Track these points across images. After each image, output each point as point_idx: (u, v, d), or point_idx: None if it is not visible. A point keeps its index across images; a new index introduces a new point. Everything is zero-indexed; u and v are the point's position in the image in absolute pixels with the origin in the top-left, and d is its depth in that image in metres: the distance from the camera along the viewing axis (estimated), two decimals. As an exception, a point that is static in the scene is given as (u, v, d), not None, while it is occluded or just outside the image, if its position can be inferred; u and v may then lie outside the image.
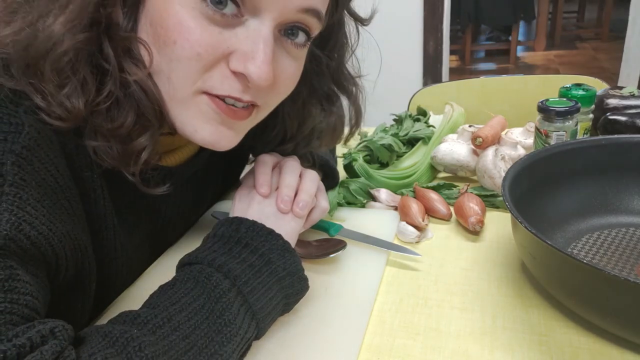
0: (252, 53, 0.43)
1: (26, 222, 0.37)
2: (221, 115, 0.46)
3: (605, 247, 0.58)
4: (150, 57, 0.44)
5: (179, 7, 0.42)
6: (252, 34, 0.44)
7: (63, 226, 0.42)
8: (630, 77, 2.56)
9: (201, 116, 0.46)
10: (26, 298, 0.36)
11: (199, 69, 0.44)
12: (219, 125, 0.47)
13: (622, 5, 3.77)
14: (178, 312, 0.40)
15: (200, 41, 0.42)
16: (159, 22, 0.43)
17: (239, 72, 0.44)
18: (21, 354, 0.31)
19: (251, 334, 0.44)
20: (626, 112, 0.80)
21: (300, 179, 0.56)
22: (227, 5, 0.42)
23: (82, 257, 0.46)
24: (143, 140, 0.46)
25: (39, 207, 0.39)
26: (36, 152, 0.40)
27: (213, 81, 0.45)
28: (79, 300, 0.49)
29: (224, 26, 0.43)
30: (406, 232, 0.65)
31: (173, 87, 0.45)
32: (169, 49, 0.43)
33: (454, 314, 0.51)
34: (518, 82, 1.27)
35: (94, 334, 0.37)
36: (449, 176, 0.83)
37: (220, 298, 0.42)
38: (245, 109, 0.48)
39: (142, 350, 0.35)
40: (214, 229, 0.49)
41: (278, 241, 0.48)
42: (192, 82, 0.44)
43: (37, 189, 0.39)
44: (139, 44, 0.44)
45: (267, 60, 0.44)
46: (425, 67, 2.32)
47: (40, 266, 0.40)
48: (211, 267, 0.44)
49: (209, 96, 0.46)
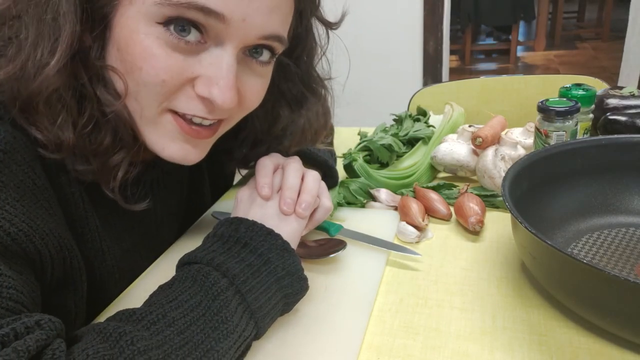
0: (216, 79, 0.45)
1: (5, 220, 0.38)
2: (184, 135, 0.48)
3: (605, 247, 0.58)
4: (125, 86, 0.45)
5: (144, 36, 0.43)
6: (216, 60, 0.45)
7: (45, 224, 0.43)
8: (630, 77, 2.56)
9: (167, 135, 0.49)
10: (10, 291, 0.36)
11: (164, 93, 0.46)
12: (183, 143, 0.49)
13: (622, 5, 3.77)
14: (174, 309, 0.40)
15: (165, 68, 0.44)
16: (125, 48, 0.44)
17: (204, 97, 0.46)
18: (4, 343, 0.32)
19: (249, 332, 0.44)
20: (626, 112, 0.80)
21: (302, 180, 0.56)
22: (190, 32, 0.44)
23: (69, 255, 0.47)
24: (120, 157, 0.48)
25: (18, 206, 0.40)
26: (13, 155, 0.41)
27: (178, 102, 0.47)
28: (71, 300, 0.49)
29: (187, 53, 0.45)
30: (406, 232, 0.65)
31: (140, 107, 0.47)
32: (136, 75, 0.44)
33: (454, 314, 0.51)
34: (518, 82, 1.27)
35: (89, 331, 0.37)
36: (449, 176, 0.83)
37: (217, 296, 0.42)
38: (209, 128, 0.50)
39: (134, 344, 0.36)
40: (214, 229, 0.50)
41: (277, 241, 0.48)
42: (157, 103, 0.46)
43: (15, 190, 0.41)
44: (110, 72, 0.45)
45: (231, 85, 0.45)
46: (425, 67, 2.32)
47: (23, 263, 0.41)
48: (209, 266, 0.44)
49: (173, 115, 0.48)
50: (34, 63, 0.42)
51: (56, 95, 0.43)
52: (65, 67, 0.42)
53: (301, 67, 0.62)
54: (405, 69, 2.34)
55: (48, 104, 0.43)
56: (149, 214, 0.61)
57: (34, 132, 0.43)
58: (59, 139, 0.43)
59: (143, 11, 0.43)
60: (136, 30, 0.43)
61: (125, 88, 0.45)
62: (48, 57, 0.42)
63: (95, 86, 0.45)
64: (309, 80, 0.63)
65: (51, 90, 0.42)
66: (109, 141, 0.46)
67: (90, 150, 0.46)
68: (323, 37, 0.61)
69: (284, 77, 0.62)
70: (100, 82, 0.46)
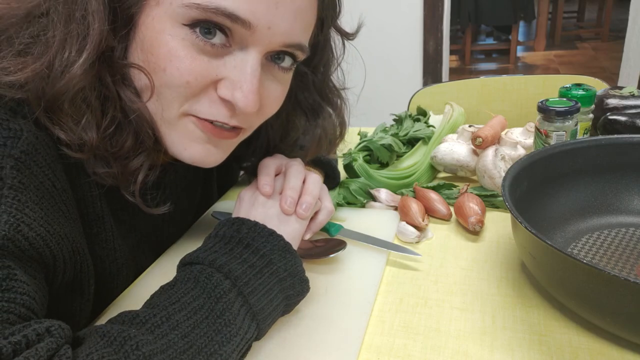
0: (239, 82, 0.45)
1: (24, 224, 0.38)
2: (207, 134, 0.48)
3: (605, 247, 0.58)
4: (152, 84, 0.45)
5: (170, 37, 0.43)
6: (240, 63, 0.45)
7: (60, 228, 0.43)
8: (630, 77, 2.56)
9: (189, 135, 0.48)
10: (23, 298, 0.36)
11: (187, 95, 0.45)
12: (205, 143, 0.49)
13: (622, 5, 3.77)
14: (177, 312, 0.40)
15: (190, 70, 0.44)
16: (150, 49, 0.44)
17: (227, 100, 0.46)
18: (17, 351, 0.32)
19: (251, 334, 0.44)
20: (626, 112, 0.80)
21: (304, 182, 0.57)
22: (216, 35, 0.44)
23: (80, 260, 0.47)
24: (140, 160, 0.48)
25: (37, 209, 0.40)
26: (34, 156, 0.41)
27: (200, 105, 0.47)
28: (78, 303, 0.49)
29: (212, 56, 0.45)
30: (406, 232, 0.65)
31: (161, 108, 0.47)
32: (158, 76, 0.44)
33: (454, 314, 0.51)
34: (518, 82, 1.27)
35: (92, 334, 0.37)
36: (449, 176, 0.83)
37: (220, 298, 0.42)
38: (232, 130, 0.49)
39: (139, 349, 0.35)
40: (215, 229, 0.49)
41: (279, 242, 0.48)
42: (179, 105, 0.46)
43: (35, 192, 0.40)
44: (135, 70, 0.45)
45: (254, 89, 0.45)
46: (425, 67, 2.32)
47: (38, 267, 0.40)
48: (212, 268, 0.44)
49: (196, 118, 0.47)
50: (61, 62, 0.41)
51: (81, 95, 0.43)
52: (92, 67, 0.42)
53: (318, 77, 0.62)
54: (405, 69, 2.34)
55: (73, 104, 0.42)
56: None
57: (57, 132, 0.43)
58: (82, 139, 0.43)
59: (170, 12, 0.43)
60: (162, 31, 0.43)
61: (151, 86, 0.45)
62: (76, 56, 0.41)
63: (118, 87, 0.45)
64: (325, 90, 0.64)
65: (77, 90, 0.42)
66: (130, 144, 0.46)
67: (111, 152, 0.46)
68: (339, 47, 0.61)
69: (301, 86, 0.62)
70: (124, 82, 0.46)
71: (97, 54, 0.42)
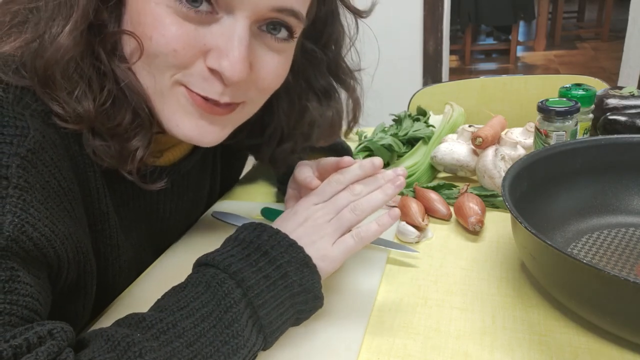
0: (226, 50, 0.44)
1: (29, 224, 0.38)
2: (198, 109, 0.47)
3: (605, 247, 0.58)
4: (141, 47, 0.44)
5: (154, 4, 0.43)
6: (227, 30, 0.44)
7: (65, 228, 0.42)
8: (630, 77, 2.56)
9: (180, 109, 0.47)
10: (26, 300, 0.36)
11: (176, 64, 0.45)
12: (198, 119, 0.48)
13: (622, 5, 3.77)
14: (185, 318, 0.39)
15: (177, 37, 0.43)
16: (137, 18, 0.44)
17: (215, 70, 0.45)
18: (17, 355, 0.31)
19: (258, 346, 0.43)
20: (626, 112, 0.79)
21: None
22: (201, 3, 0.43)
23: (83, 260, 0.46)
24: (138, 140, 0.47)
25: (42, 209, 0.40)
26: (41, 155, 0.41)
27: (191, 78, 0.46)
28: (81, 303, 0.49)
29: (198, 23, 0.44)
30: (406, 232, 0.65)
31: (153, 78, 0.46)
32: (147, 45, 0.44)
33: (454, 314, 0.51)
34: (518, 82, 1.27)
35: (97, 337, 0.37)
36: (449, 176, 0.83)
37: (230, 308, 0.41)
38: (226, 106, 0.48)
39: (142, 356, 0.35)
40: (236, 232, 0.48)
41: (299, 254, 0.46)
42: (170, 74, 0.46)
43: (40, 192, 0.40)
44: (125, 37, 0.45)
45: (241, 57, 0.44)
46: (425, 67, 2.32)
47: (42, 268, 0.40)
48: (225, 273, 0.43)
49: (187, 90, 0.46)
50: (50, 32, 0.42)
51: (73, 64, 0.43)
52: (82, 36, 0.43)
53: (329, 56, 0.60)
54: (405, 69, 2.34)
55: (65, 75, 0.43)
56: (157, 210, 0.61)
57: (55, 107, 0.43)
58: (76, 111, 0.43)
59: None
60: (148, 0, 0.43)
61: (140, 49, 0.44)
62: (63, 26, 0.42)
63: (111, 60, 0.45)
64: (338, 71, 0.62)
65: (67, 60, 0.42)
66: (128, 119, 0.46)
67: (108, 127, 0.45)
68: (352, 27, 0.60)
69: (310, 65, 0.60)
70: (116, 53, 0.46)
71: (85, 24, 0.43)
